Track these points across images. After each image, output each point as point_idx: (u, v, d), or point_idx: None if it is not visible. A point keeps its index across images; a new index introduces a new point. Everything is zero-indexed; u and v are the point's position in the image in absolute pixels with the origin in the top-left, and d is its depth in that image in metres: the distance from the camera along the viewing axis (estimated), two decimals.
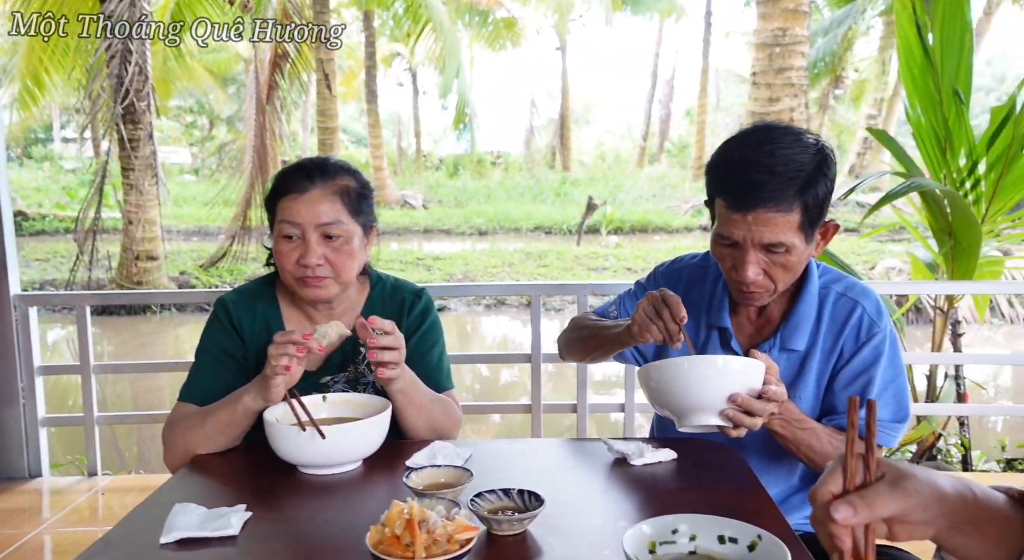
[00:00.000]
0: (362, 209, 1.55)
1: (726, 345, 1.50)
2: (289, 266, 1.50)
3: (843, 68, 19.98)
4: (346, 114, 36.02)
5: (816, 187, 1.29)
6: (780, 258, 1.32)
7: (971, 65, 3.14)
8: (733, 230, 1.31)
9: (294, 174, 1.52)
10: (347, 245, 1.51)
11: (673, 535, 1.01)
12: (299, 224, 1.48)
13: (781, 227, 1.29)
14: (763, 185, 1.27)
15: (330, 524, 1.16)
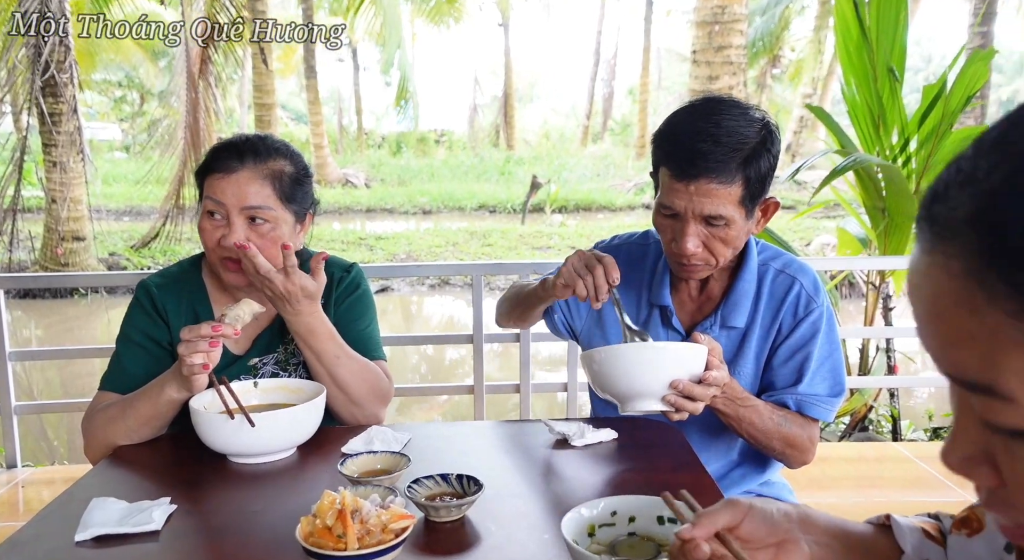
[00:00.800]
0: (296, 195, 1.48)
1: (667, 323, 1.50)
2: (211, 244, 1.44)
3: (780, 47, 20.36)
4: (285, 90, 35.12)
5: (759, 161, 1.29)
6: (720, 231, 1.32)
7: (905, 43, 3.20)
8: (675, 200, 1.31)
9: (225, 151, 1.44)
10: (274, 231, 1.44)
11: (612, 517, 1.01)
12: (223, 204, 1.41)
13: (722, 199, 1.28)
14: (707, 155, 1.26)
15: (260, 516, 1.11)
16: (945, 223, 0.40)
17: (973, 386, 0.41)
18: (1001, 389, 0.39)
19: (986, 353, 0.39)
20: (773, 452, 1.40)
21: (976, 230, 0.38)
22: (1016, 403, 0.39)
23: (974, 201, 0.39)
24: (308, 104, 19.12)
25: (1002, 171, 0.38)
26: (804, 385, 1.41)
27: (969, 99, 3.11)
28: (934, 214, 0.41)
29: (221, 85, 10.15)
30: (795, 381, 1.41)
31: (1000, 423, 0.40)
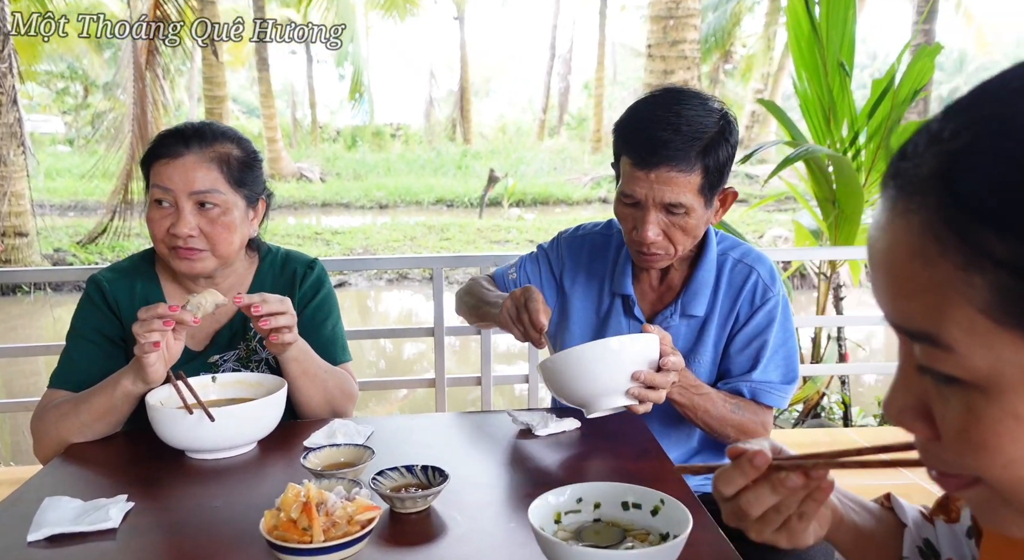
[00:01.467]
0: (245, 179, 1.45)
1: (629, 313, 1.51)
2: (160, 234, 1.40)
3: (731, 43, 20.67)
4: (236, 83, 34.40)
5: (718, 151, 1.31)
6: (679, 219, 1.33)
7: (854, 39, 3.28)
8: (636, 188, 1.32)
9: (170, 138, 1.41)
10: (224, 217, 1.41)
11: (578, 504, 1.01)
12: (171, 190, 1.38)
13: (682, 187, 1.30)
14: (667, 143, 1.28)
15: (221, 511, 1.09)
16: (909, 180, 0.43)
17: (918, 335, 0.43)
18: (943, 338, 0.42)
19: (933, 304, 0.41)
20: (727, 439, 1.43)
21: (937, 187, 0.41)
22: (954, 351, 0.41)
23: (938, 160, 0.41)
24: (260, 97, 18.78)
25: (967, 135, 0.40)
26: (759, 372, 1.43)
27: (916, 93, 3.20)
28: (900, 171, 0.44)
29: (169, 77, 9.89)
30: (750, 368, 1.44)
31: (938, 369, 0.43)
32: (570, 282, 1.58)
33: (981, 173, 0.39)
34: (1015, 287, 0.38)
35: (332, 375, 1.48)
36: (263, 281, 1.56)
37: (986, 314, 0.40)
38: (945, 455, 0.46)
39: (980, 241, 0.39)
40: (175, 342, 1.30)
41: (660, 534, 0.95)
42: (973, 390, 0.42)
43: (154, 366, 1.27)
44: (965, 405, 0.43)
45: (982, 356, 0.41)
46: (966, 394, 0.43)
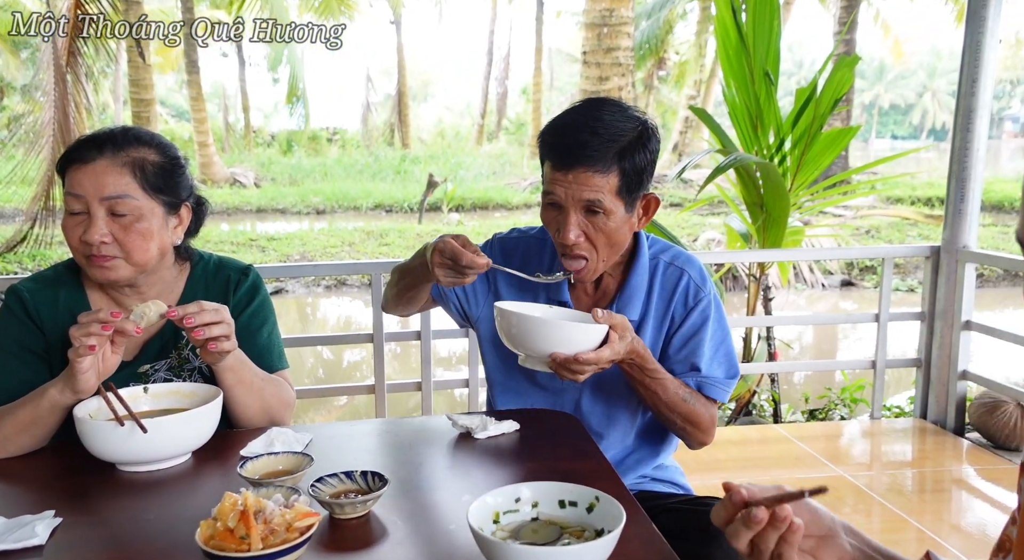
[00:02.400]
0: (164, 185, 1.41)
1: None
2: (74, 242, 1.37)
3: (665, 51, 21.10)
4: (164, 86, 33.37)
5: (635, 155, 1.36)
6: (599, 221, 1.37)
7: (779, 49, 3.41)
8: (556, 188, 1.37)
9: (83, 143, 1.38)
10: (139, 223, 1.38)
11: (516, 503, 1.03)
12: (82, 196, 1.35)
13: (599, 187, 1.35)
14: (584, 144, 1.34)
15: (154, 524, 1.07)
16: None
17: None
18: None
19: None
20: (675, 427, 1.47)
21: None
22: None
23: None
24: (190, 100, 18.24)
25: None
26: (703, 370, 1.48)
27: (837, 102, 3.35)
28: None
29: (92, 79, 9.54)
30: (691, 368, 1.48)
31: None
32: (504, 284, 1.59)
33: None
34: None
35: (269, 383, 1.47)
36: (195, 289, 1.53)
37: None
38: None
39: None
40: (112, 355, 1.28)
41: (595, 530, 0.98)
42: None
43: (86, 374, 1.24)
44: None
45: None
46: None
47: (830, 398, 3.82)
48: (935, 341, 3.28)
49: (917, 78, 51.39)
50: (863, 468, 2.86)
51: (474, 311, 1.62)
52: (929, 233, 11.66)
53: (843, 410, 3.76)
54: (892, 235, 11.74)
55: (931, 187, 16.60)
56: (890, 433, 3.26)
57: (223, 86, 33.20)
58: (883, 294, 3.32)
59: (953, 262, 3.18)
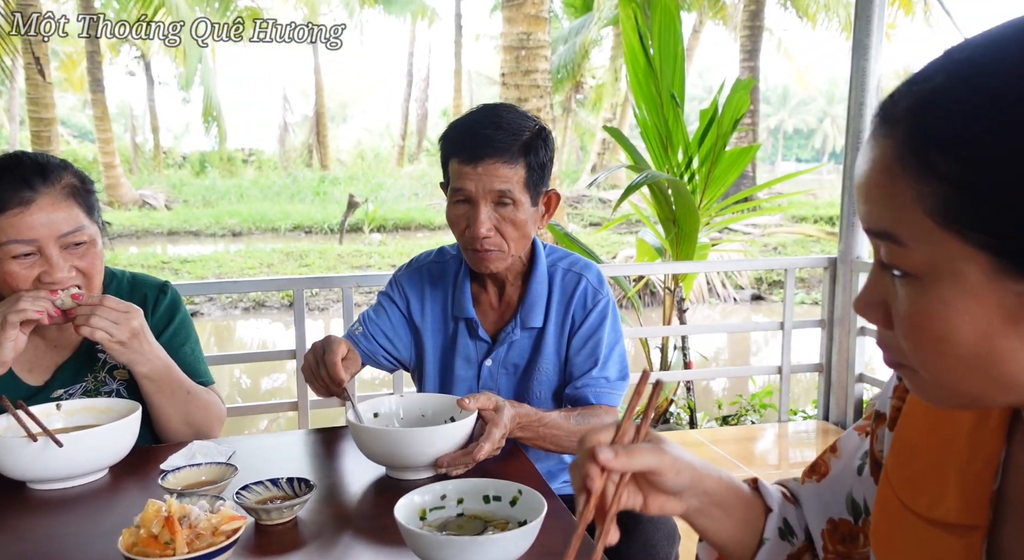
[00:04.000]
0: (94, 205, 1.40)
1: (474, 334, 1.57)
2: (26, 286, 1.30)
3: (582, 75, 21.63)
4: (65, 105, 31.97)
5: (538, 150, 1.44)
6: (509, 212, 1.43)
7: (683, 73, 3.59)
8: (466, 182, 1.42)
9: (6, 182, 1.27)
10: (93, 249, 1.36)
11: (442, 500, 1.07)
12: (34, 240, 1.28)
13: (508, 178, 1.42)
14: (491, 138, 1.41)
15: (72, 538, 1.05)
16: (890, 113, 0.54)
17: (883, 234, 0.55)
18: (899, 236, 0.54)
19: (895, 208, 0.53)
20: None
21: (907, 119, 0.53)
22: (906, 247, 0.53)
23: (912, 98, 0.53)
24: (95, 120, 17.52)
25: (939, 78, 0.52)
26: (598, 370, 1.52)
27: (736, 122, 3.55)
28: (884, 107, 0.55)
29: None
30: (591, 366, 1.53)
31: (895, 264, 0.55)
32: (419, 315, 1.61)
33: (940, 108, 0.51)
34: (953, 196, 0.50)
35: (195, 395, 1.45)
36: None
37: (930, 216, 0.51)
38: (896, 342, 0.57)
39: (932, 160, 0.51)
40: (20, 336, 1.27)
41: (519, 522, 1.02)
42: (916, 281, 0.54)
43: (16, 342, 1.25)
44: (909, 294, 0.55)
45: (924, 251, 0.52)
46: (911, 285, 0.54)
47: (742, 404, 3.99)
48: (834, 346, 3.48)
49: (818, 104, 54.32)
50: (773, 468, 3.01)
51: (404, 353, 1.62)
52: (831, 249, 12.31)
53: (754, 415, 3.93)
54: (797, 251, 12.33)
55: (832, 207, 17.56)
56: (796, 435, 3.44)
57: (130, 105, 32.04)
58: (787, 303, 3.52)
59: (848, 272, 3.40)
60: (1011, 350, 0.52)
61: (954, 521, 0.65)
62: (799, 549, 0.86)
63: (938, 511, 0.66)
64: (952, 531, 0.65)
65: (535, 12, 6.96)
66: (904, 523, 0.69)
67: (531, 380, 1.56)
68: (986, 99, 0.49)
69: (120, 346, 1.31)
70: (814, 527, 0.85)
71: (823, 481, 0.86)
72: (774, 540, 0.84)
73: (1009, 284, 0.50)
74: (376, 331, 1.60)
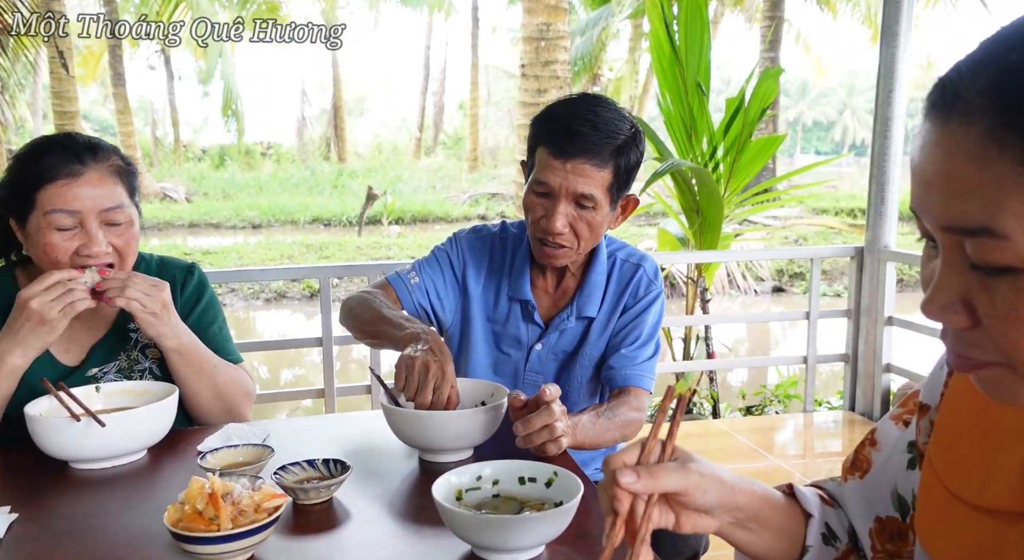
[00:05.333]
0: (136, 188, 1.43)
1: (528, 318, 1.57)
2: (65, 259, 1.32)
3: (599, 67, 21.52)
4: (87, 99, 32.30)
5: (629, 154, 1.41)
6: (587, 214, 1.42)
7: (709, 61, 3.57)
8: (551, 176, 1.39)
9: (57, 155, 1.31)
10: (131, 229, 1.38)
11: (478, 481, 1.07)
12: (78, 212, 1.31)
13: (594, 181, 1.39)
14: (584, 137, 1.37)
15: (116, 516, 1.07)
16: (963, 97, 0.49)
17: (976, 231, 0.50)
18: (1000, 228, 0.48)
19: (992, 199, 0.48)
20: (616, 443, 1.43)
21: (994, 97, 0.48)
22: (1009, 240, 0.48)
23: (992, 74, 0.48)
24: (117, 114, 17.70)
25: (1018, 52, 0.48)
26: (632, 350, 1.51)
27: (764, 111, 3.52)
28: (948, 94, 0.50)
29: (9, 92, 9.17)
30: (633, 340, 1.52)
31: (993, 260, 0.50)
32: (474, 282, 1.59)
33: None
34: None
35: (223, 369, 1.46)
36: None
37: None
38: (981, 340, 0.53)
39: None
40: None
41: (554, 503, 1.03)
42: (1014, 276, 0.49)
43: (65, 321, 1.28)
44: (1015, 289, 0.49)
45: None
46: (1016, 280, 0.49)
47: (765, 395, 3.97)
48: (861, 336, 3.46)
49: (837, 96, 53.71)
50: (797, 458, 2.99)
51: (447, 315, 1.60)
52: (853, 240, 12.21)
53: (778, 406, 3.91)
54: (818, 243, 12.23)
55: (853, 199, 17.39)
56: (821, 425, 3.42)
57: (150, 100, 32.33)
58: (812, 293, 3.49)
59: (876, 261, 3.37)
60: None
61: (1006, 508, 0.63)
62: (844, 552, 0.82)
63: (988, 497, 0.64)
64: (1005, 518, 0.63)
65: (555, 2, 6.93)
66: (952, 513, 0.67)
67: (575, 365, 1.56)
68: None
69: (152, 318, 1.34)
70: (860, 527, 0.82)
71: (866, 477, 0.83)
72: (817, 546, 0.81)
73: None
74: (429, 284, 1.57)
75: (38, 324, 1.25)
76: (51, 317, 1.25)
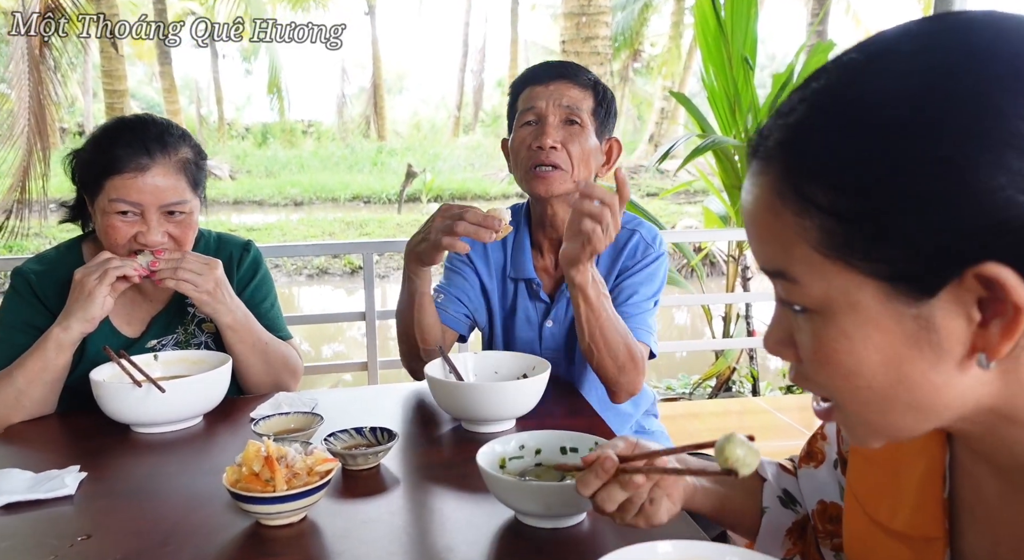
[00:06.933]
0: (200, 181, 1.47)
1: (534, 296, 1.59)
2: (123, 241, 1.38)
3: (640, 43, 21.21)
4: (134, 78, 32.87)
5: (605, 93, 1.52)
6: (576, 131, 1.47)
7: (756, 35, 3.50)
8: (536, 101, 1.48)
9: (128, 147, 1.35)
10: (189, 219, 1.43)
11: (520, 450, 1.09)
12: (139, 204, 1.36)
13: (577, 99, 1.48)
14: (564, 65, 1.52)
15: (176, 477, 1.12)
16: (763, 150, 0.53)
17: (775, 273, 0.54)
18: (790, 273, 0.52)
19: (782, 246, 0.52)
20: (616, 361, 1.39)
21: (779, 154, 0.52)
22: (799, 283, 0.52)
23: (781, 132, 0.52)
24: (163, 92, 18.03)
25: (801, 109, 0.51)
26: (635, 313, 1.49)
27: None
28: (757, 144, 0.54)
29: (61, 71, 9.40)
30: (629, 296, 1.50)
31: (792, 301, 0.54)
32: (486, 275, 1.63)
33: (806, 141, 0.50)
34: (834, 227, 0.49)
35: (274, 346, 1.51)
36: None
37: (817, 250, 0.50)
38: (808, 376, 0.56)
39: (809, 193, 0.50)
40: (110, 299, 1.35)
41: None
42: (815, 315, 0.53)
43: (107, 299, 1.32)
44: (812, 329, 0.53)
45: (818, 286, 0.51)
46: (811, 320, 0.53)
47: None
48: None
49: None
50: None
51: (480, 315, 1.63)
52: None
53: None
54: None
55: None
56: None
57: (195, 79, 32.83)
58: None
59: None
60: (921, 374, 0.50)
61: (913, 533, 0.64)
62: (804, 517, 0.89)
63: (897, 523, 0.65)
64: (912, 544, 0.64)
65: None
66: (871, 535, 0.69)
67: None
68: (846, 126, 0.48)
69: (206, 296, 1.38)
70: (807, 506, 0.88)
71: (820, 467, 0.88)
72: (775, 508, 0.89)
73: (903, 308, 0.49)
74: (459, 293, 1.60)
75: (79, 294, 1.31)
76: (89, 285, 1.30)
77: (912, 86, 0.47)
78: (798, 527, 0.90)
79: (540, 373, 1.32)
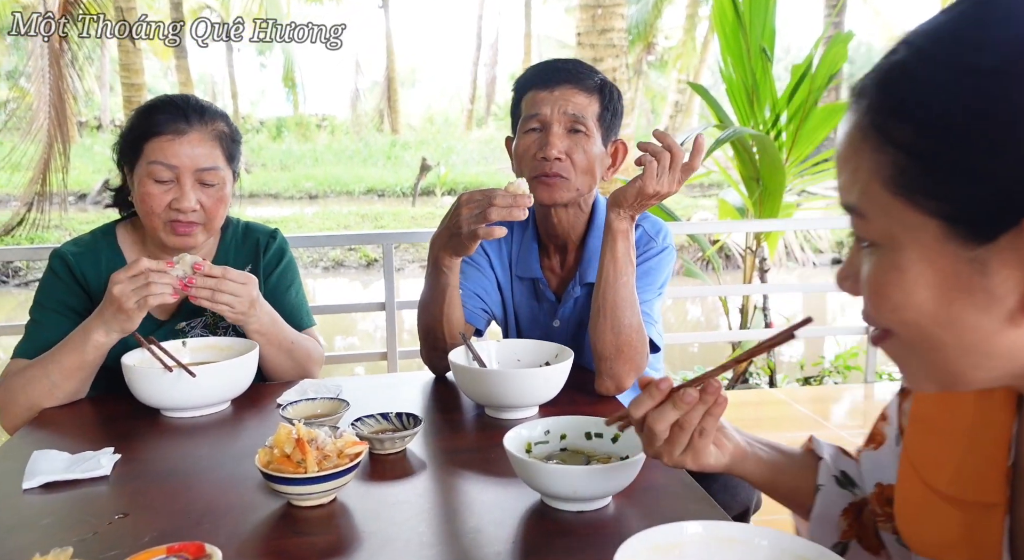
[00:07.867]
0: (235, 155, 1.51)
1: (541, 297, 1.59)
2: (159, 209, 1.42)
3: (654, 35, 21.09)
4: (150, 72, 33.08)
5: (611, 92, 1.49)
6: (581, 140, 1.44)
7: (774, 26, 3.49)
8: (541, 107, 1.45)
9: (167, 114, 1.42)
10: (221, 191, 1.47)
11: (546, 435, 1.11)
12: (175, 167, 1.41)
13: (583, 105, 1.45)
14: (568, 69, 1.48)
15: (208, 459, 1.14)
16: (858, 87, 0.56)
17: (850, 208, 0.57)
18: (859, 207, 0.56)
19: (858, 180, 0.56)
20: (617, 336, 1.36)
21: (870, 91, 0.55)
22: (867, 218, 0.56)
23: (875, 72, 0.55)
24: (179, 86, 18.12)
25: (901, 51, 0.54)
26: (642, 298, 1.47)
27: (831, 77, 3.43)
28: (857, 82, 0.57)
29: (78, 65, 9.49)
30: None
31: (861, 235, 0.57)
32: (500, 269, 1.63)
33: (899, 80, 0.53)
34: (908, 164, 0.52)
35: (299, 344, 1.53)
36: (227, 252, 1.60)
37: (887, 187, 0.53)
38: (867, 311, 0.59)
39: (890, 129, 0.53)
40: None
41: (620, 457, 1.06)
42: (877, 249, 0.56)
43: (143, 312, 1.32)
44: (871, 263, 0.57)
45: (882, 221, 0.54)
46: (873, 255, 0.56)
47: (824, 366, 3.92)
48: None
49: None
50: (858, 427, 2.96)
51: (496, 309, 1.63)
52: None
53: (836, 377, 3.86)
54: None
55: None
56: (884, 394, 3.37)
57: (210, 73, 33.00)
58: None
59: None
60: (971, 319, 0.52)
61: (971, 499, 0.64)
62: (862, 499, 0.89)
63: (955, 488, 0.66)
64: (971, 509, 0.64)
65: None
66: (926, 501, 0.69)
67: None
68: (941, 70, 0.50)
69: (241, 316, 1.40)
70: (866, 489, 0.88)
71: (880, 448, 0.87)
72: (830, 486, 0.89)
73: (961, 251, 0.51)
74: (476, 287, 1.59)
75: (117, 311, 1.31)
76: (127, 307, 1.29)
77: (1011, 35, 0.49)
78: (855, 509, 0.89)
79: (563, 360, 1.33)
